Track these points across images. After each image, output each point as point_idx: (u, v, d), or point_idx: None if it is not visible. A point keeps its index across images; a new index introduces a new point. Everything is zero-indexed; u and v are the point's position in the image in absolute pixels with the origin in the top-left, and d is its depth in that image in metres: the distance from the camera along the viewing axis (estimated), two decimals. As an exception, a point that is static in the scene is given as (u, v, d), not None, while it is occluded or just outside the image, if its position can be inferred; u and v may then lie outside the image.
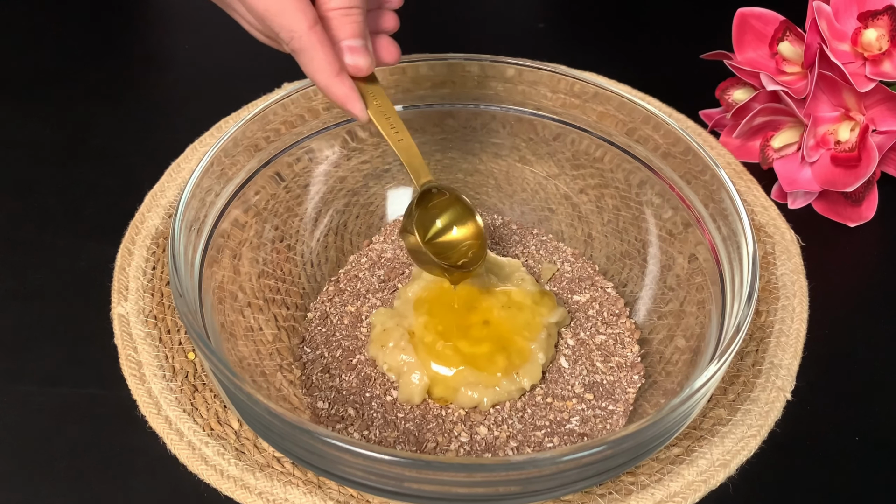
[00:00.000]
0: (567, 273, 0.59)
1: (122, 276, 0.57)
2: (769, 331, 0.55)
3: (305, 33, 0.41)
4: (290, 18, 0.41)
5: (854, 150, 0.60)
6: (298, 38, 0.42)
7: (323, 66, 0.43)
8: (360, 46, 0.44)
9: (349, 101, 0.45)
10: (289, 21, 0.41)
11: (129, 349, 0.53)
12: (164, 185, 0.63)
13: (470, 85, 0.59)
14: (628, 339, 0.55)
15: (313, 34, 0.42)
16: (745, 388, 0.52)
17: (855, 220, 0.63)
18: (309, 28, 0.41)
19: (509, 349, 0.51)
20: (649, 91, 0.70)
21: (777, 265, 0.59)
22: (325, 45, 0.42)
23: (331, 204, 0.59)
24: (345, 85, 0.44)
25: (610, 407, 0.51)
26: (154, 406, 0.50)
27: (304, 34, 0.41)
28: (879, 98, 0.59)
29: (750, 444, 0.50)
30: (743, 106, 0.63)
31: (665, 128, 0.53)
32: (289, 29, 0.41)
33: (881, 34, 0.59)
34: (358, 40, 0.44)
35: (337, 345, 0.54)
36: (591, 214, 0.60)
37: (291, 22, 0.41)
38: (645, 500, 0.47)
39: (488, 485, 0.40)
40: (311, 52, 0.42)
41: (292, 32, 0.41)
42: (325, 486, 0.47)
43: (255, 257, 0.54)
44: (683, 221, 0.53)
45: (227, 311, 0.50)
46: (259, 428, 0.43)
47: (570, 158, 0.59)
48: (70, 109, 0.70)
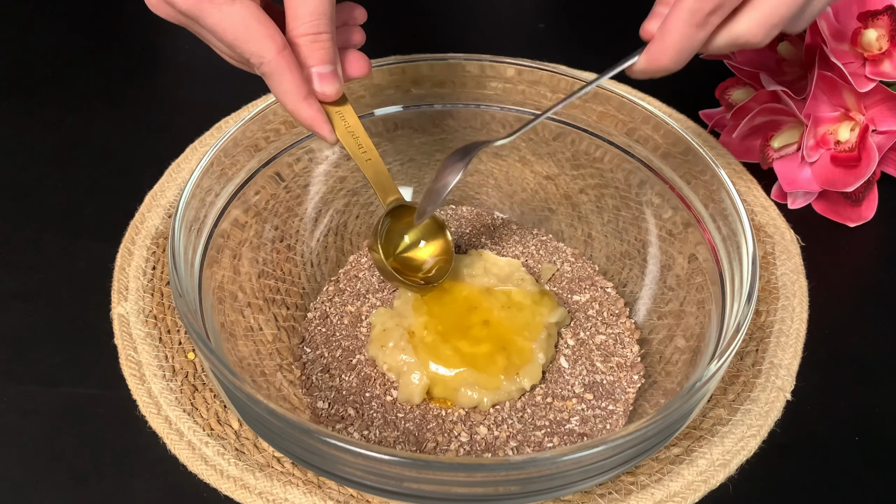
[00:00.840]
0: (567, 273, 0.59)
1: (122, 277, 0.57)
2: (769, 331, 0.55)
3: (274, 58, 0.42)
4: (258, 45, 0.42)
5: (854, 150, 0.60)
6: (267, 64, 0.42)
7: (290, 90, 0.44)
8: (328, 73, 0.45)
9: (316, 124, 0.45)
10: (257, 47, 0.42)
11: (129, 349, 0.53)
12: (164, 185, 0.63)
13: (470, 85, 0.59)
14: (628, 339, 0.55)
15: (281, 59, 0.42)
16: (745, 388, 0.52)
17: (855, 220, 0.63)
18: (277, 53, 0.42)
19: (509, 349, 0.51)
20: (649, 91, 0.70)
21: (777, 265, 0.59)
22: (292, 70, 0.43)
23: (331, 204, 0.59)
24: (312, 109, 0.45)
25: (610, 407, 0.51)
26: (154, 406, 0.50)
27: (273, 59, 0.42)
28: (879, 98, 0.59)
29: (750, 444, 0.50)
30: (743, 106, 0.63)
31: (665, 128, 0.53)
32: (258, 55, 0.42)
33: (881, 34, 0.59)
34: (327, 66, 0.45)
35: (337, 345, 0.54)
36: (591, 214, 0.60)
37: (260, 48, 0.42)
38: (645, 500, 0.47)
39: (488, 485, 0.40)
40: (280, 77, 0.43)
41: (261, 58, 0.42)
42: (325, 486, 0.47)
43: (255, 257, 0.54)
44: (683, 221, 0.53)
45: (227, 311, 0.50)
46: (259, 428, 0.43)
47: (570, 158, 0.59)
48: (70, 109, 0.70)
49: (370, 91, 0.58)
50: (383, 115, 0.59)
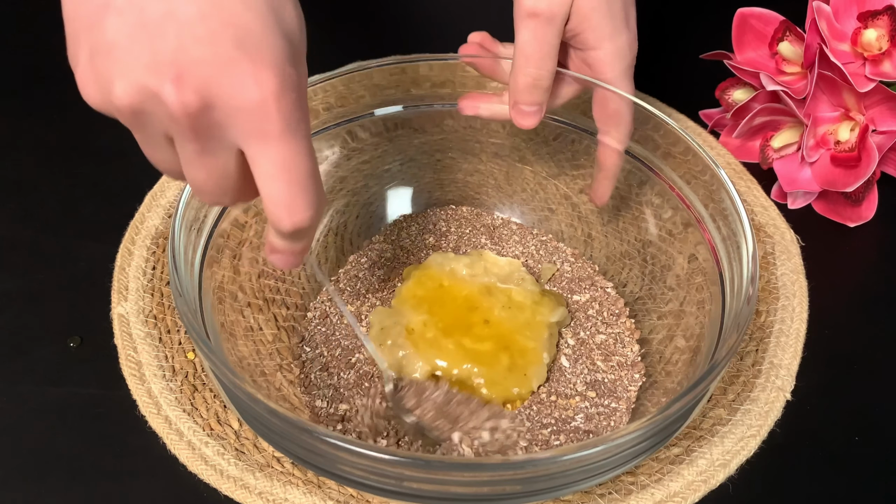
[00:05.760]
0: (567, 273, 0.59)
1: (122, 276, 0.57)
2: (769, 331, 0.55)
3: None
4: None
5: (854, 150, 0.60)
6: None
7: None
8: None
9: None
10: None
11: (129, 349, 0.53)
12: (164, 185, 0.63)
13: (470, 85, 0.59)
14: (628, 339, 0.55)
15: None
16: (745, 388, 0.52)
17: (855, 220, 0.63)
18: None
19: (512, 349, 0.51)
20: (649, 91, 0.70)
21: (777, 265, 0.59)
22: None
23: (331, 204, 0.59)
24: None
25: (612, 405, 0.51)
26: (154, 406, 0.50)
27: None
28: (879, 98, 0.59)
29: (750, 444, 0.50)
30: (743, 106, 0.63)
31: (665, 128, 0.53)
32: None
33: (881, 34, 0.59)
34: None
35: (336, 344, 0.54)
36: (591, 214, 0.60)
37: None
38: (645, 500, 0.47)
39: (488, 484, 0.40)
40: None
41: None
42: (325, 486, 0.47)
43: (255, 257, 0.54)
44: (683, 221, 0.53)
45: (227, 311, 0.50)
46: (259, 428, 0.43)
47: (570, 158, 0.59)
48: (70, 109, 0.70)
49: (370, 91, 0.58)
50: (383, 115, 0.59)
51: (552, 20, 0.49)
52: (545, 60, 0.50)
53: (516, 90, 0.51)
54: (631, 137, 0.54)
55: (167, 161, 0.37)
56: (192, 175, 0.37)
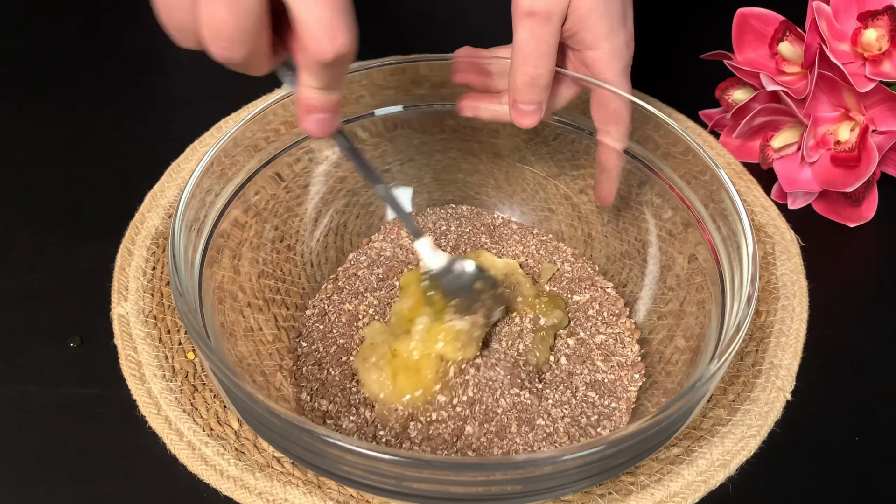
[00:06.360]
0: (567, 273, 0.59)
1: (122, 277, 0.57)
2: (769, 331, 0.55)
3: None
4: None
5: (854, 150, 0.60)
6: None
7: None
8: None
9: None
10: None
11: (129, 349, 0.53)
12: (164, 185, 0.63)
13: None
14: (628, 339, 0.55)
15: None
16: (745, 388, 0.52)
17: (855, 221, 0.63)
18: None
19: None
20: (649, 91, 0.70)
21: (777, 265, 0.59)
22: None
23: (331, 204, 0.59)
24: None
25: (613, 404, 0.51)
26: (154, 406, 0.50)
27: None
28: (879, 98, 0.59)
29: (750, 444, 0.50)
30: (743, 106, 0.63)
31: (665, 128, 0.53)
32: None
33: (881, 34, 0.59)
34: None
35: (332, 342, 0.54)
36: (591, 214, 0.60)
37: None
38: (645, 500, 0.47)
39: (488, 484, 0.40)
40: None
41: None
42: (325, 486, 0.47)
43: (255, 257, 0.54)
44: (683, 221, 0.53)
45: (227, 311, 0.50)
46: (259, 428, 0.43)
47: (570, 158, 0.59)
48: (70, 109, 0.70)
49: (370, 91, 0.58)
50: (383, 115, 0.59)
51: (549, 19, 0.49)
52: (543, 59, 0.50)
53: (515, 89, 0.51)
54: (630, 136, 0.54)
55: (181, 7, 0.35)
56: (210, 10, 0.35)
